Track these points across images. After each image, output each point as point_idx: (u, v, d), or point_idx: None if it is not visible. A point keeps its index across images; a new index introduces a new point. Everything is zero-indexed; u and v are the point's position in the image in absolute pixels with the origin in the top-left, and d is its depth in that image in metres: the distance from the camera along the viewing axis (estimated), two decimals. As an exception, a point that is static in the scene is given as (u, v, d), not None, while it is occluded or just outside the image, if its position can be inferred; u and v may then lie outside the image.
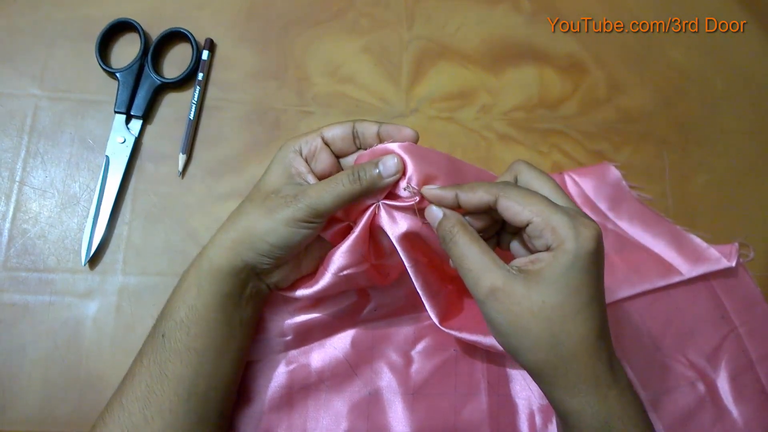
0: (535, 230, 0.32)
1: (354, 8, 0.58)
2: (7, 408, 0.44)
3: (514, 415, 0.44)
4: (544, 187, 0.35)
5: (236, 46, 0.55)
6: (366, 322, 0.46)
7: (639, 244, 0.50)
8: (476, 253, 0.33)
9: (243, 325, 0.40)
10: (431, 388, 0.44)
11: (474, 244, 0.33)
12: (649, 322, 0.47)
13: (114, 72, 0.52)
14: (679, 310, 0.48)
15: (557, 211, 0.32)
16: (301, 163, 0.39)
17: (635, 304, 0.48)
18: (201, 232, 0.49)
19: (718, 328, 0.48)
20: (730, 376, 0.46)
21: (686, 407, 0.45)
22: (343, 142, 0.40)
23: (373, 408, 0.43)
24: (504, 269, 0.32)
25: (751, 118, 0.57)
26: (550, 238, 0.32)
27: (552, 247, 0.32)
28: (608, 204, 0.52)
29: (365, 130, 0.40)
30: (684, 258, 0.49)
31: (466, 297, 0.45)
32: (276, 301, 0.44)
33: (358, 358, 0.45)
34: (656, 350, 0.46)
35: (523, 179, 0.36)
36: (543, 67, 0.57)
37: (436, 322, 0.40)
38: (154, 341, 0.37)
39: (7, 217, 0.49)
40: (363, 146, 0.40)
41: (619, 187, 0.52)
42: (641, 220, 0.51)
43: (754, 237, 0.53)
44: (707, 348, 0.47)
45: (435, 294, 0.41)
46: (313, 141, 0.40)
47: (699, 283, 0.49)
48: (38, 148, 0.51)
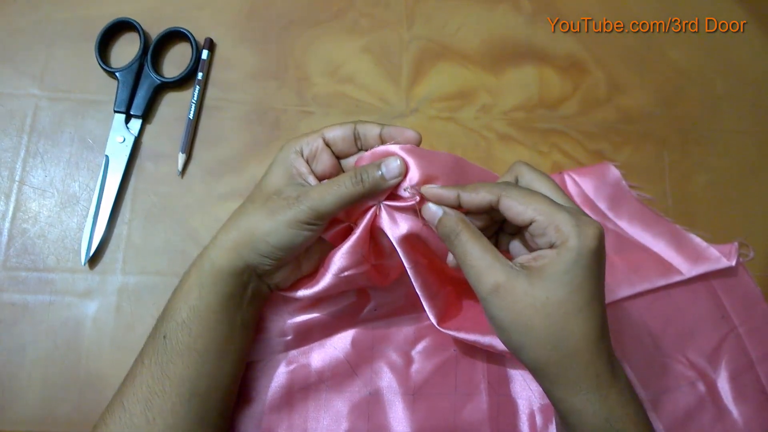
0: (539, 228, 0.32)
1: (354, 8, 0.58)
2: (6, 408, 0.44)
3: (515, 415, 0.44)
4: (545, 188, 0.35)
5: (236, 46, 0.55)
6: (366, 322, 0.46)
7: (639, 244, 0.50)
8: (479, 250, 0.33)
9: (244, 325, 0.40)
10: (431, 388, 0.44)
11: (477, 241, 0.34)
12: (649, 321, 0.47)
13: (114, 71, 0.52)
14: (679, 309, 0.48)
15: (560, 210, 0.32)
16: (302, 164, 0.39)
17: (635, 304, 0.48)
18: (201, 231, 0.49)
19: (718, 327, 0.48)
20: (730, 375, 0.46)
21: (686, 407, 0.45)
22: (344, 143, 0.40)
23: (373, 408, 0.43)
24: (507, 266, 0.33)
25: (751, 118, 0.57)
26: (554, 236, 0.32)
27: (555, 245, 0.32)
28: (608, 204, 0.52)
29: (367, 132, 0.40)
30: (684, 257, 0.49)
31: (464, 298, 0.45)
32: (276, 301, 0.44)
33: (359, 358, 0.45)
34: (656, 350, 0.46)
35: (524, 180, 0.36)
36: (543, 67, 0.57)
37: (434, 323, 0.40)
38: (155, 342, 0.37)
39: (6, 217, 0.49)
40: (364, 148, 0.40)
41: (619, 187, 0.52)
42: (641, 219, 0.51)
43: (754, 237, 0.53)
44: (707, 348, 0.47)
45: (434, 295, 0.41)
46: (314, 142, 0.40)
47: (699, 282, 0.49)
48: (38, 148, 0.51)
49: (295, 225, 0.36)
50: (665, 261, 0.49)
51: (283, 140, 0.41)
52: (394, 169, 0.36)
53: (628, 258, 0.49)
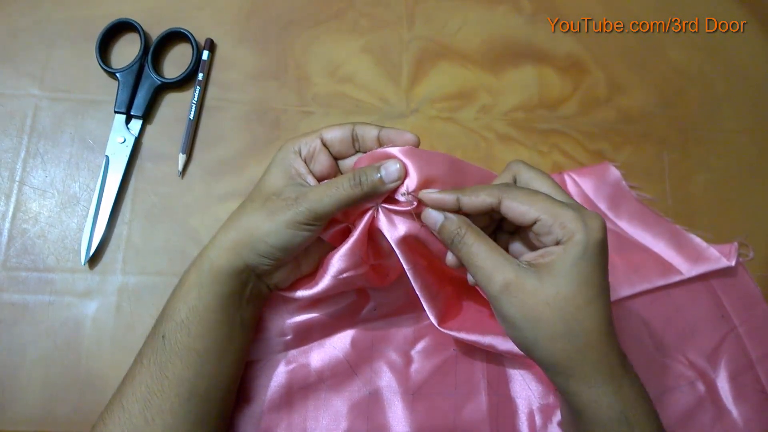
0: (544, 227, 0.33)
1: (354, 8, 0.58)
2: (6, 408, 0.44)
3: (514, 415, 0.44)
4: (544, 186, 0.35)
5: (236, 47, 0.55)
6: (366, 322, 0.46)
7: (639, 244, 0.50)
8: (486, 251, 0.34)
9: (243, 325, 0.40)
10: (431, 388, 0.44)
11: (483, 243, 0.34)
12: (649, 321, 0.47)
13: (114, 72, 0.52)
14: (679, 309, 0.48)
15: (563, 207, 0.33)
16: (300, 164, 0.39)
17: (635, 304, 0.48)
18: (201, 231, 0.49)
19: (718, 327, 0.48)
20: (730, 375, 0.46)
21: (686, 407, 0.45)
22: (342, 144, 0.40)
23: (372, 408, 0.43)
24: (515, 264, 0.33)
25: (751, 118, 0.57)
26: (560, 233, 0.32)
27: (562, 241, 0.32)
28: (608, 204, 0.52)
29: (365, 134, 0.40)
30: (684, 257, 0.49)
31: (464, 298, 0.45)
32: (276, 301, 0.44)
33: (358, 358, 0.45)
34: (656, 350, 0.46)
35: (522, 179, 0.36)
36: (543, 68, 0.57)
37: (435, 323, 0.40)
38: (154, 342, 0.37)
39: (6, 217, 0.49)
40: (362, 149, 0.40)
41: (619, 187, 0.52)
42: (641, 219, 0.51)
43: (754, 237, 0.53)
44: (707, 348, 0.47)
45: (434, 296, 0.41)
46: (312, 142, 0.40)
47: (699, 282, 0.49)
48: (38, 148, 0.51)
49: (293, 226, 0.36)
50: (665, 261, 0.49)
51: (283, 140, 0.41)
52: (393, 173, 0.36)
53: (628, 258, 0.49)
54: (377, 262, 0.41)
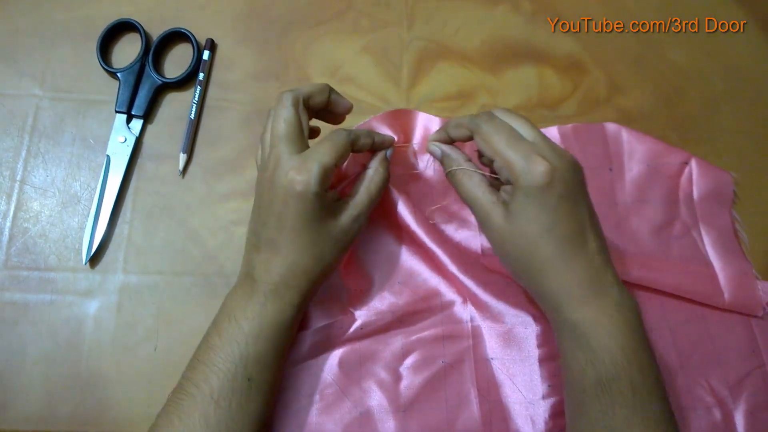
0: (497, 166, 0.37)
1: (354, 8, 0.58)
2: (8, 407, 0.44)
3: (507, 419, 0.44)
4: (514, 122, 0.39)
5: (237, 46, 0.56)
6: (352, 342, 0.45)
7: (707, 261, 0.50)
8: (472, 185, 0.39)
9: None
10: (422, 403, 0.44)
11: (471, 177, 0.40)
12: (679, 340, 0.47)
13: (115, 72, 0.52)
14: (711, 336, 0.47)
15: (514, 150, 0.36)
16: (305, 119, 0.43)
17: (669, 320, 0.47)
18: (201, 231, 0.50)
19: (747, 361, 0.47)
20: (749, 409, 0.45)
21: (698, 430, 0.45)
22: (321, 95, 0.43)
23: (365, 428, 0.43)
24: (491, 200, 0.38)
25: (751, 118, 0.57)
26: (509, 175, 0.36)
27: (511, 182, 0.36)
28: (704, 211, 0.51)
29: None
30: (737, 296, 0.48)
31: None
32: None
33: (347, 379, 0.44)
34: (680, 368, 0.46)
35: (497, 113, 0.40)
36: (543, 68, 0.57)
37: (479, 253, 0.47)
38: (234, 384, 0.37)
39: (8, 216, 0.49)
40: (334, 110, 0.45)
41: (726, 204, 0.52)
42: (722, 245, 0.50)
43: (754, 237, 0.53)
44: (731, 378, 0.46)
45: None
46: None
47: (737, 314, 0.48)
48: (39, 148, 0.51)
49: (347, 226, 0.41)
50: (718, 285, 0.48)
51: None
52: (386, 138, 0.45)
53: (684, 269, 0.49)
54: None
